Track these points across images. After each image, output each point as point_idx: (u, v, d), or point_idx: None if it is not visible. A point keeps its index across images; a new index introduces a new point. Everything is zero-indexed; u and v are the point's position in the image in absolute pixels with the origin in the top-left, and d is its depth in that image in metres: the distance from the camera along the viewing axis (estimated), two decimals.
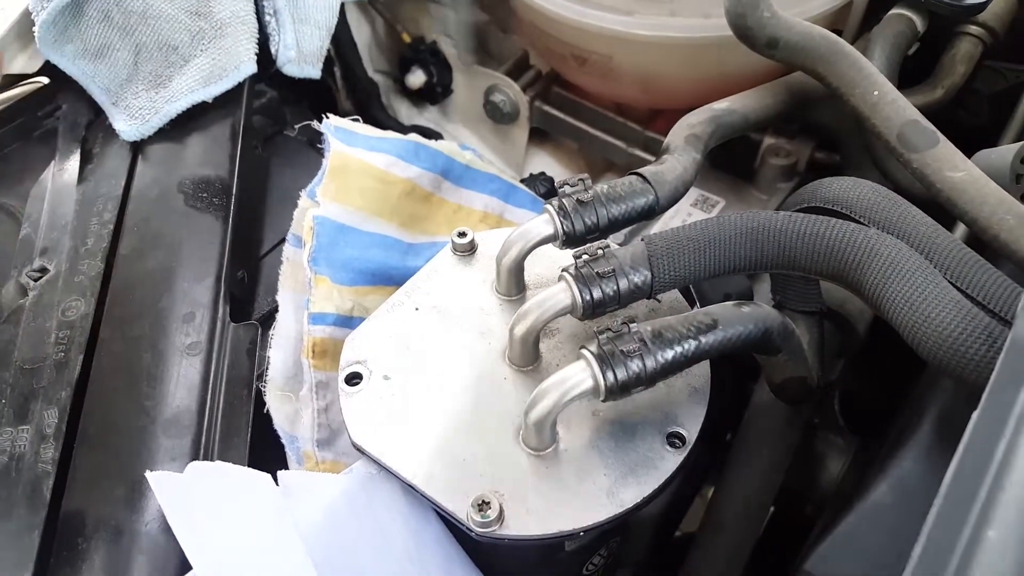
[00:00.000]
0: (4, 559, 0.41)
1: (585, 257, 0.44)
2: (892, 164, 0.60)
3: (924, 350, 0.40)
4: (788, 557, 0.55)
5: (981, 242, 0.46)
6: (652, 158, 0.76)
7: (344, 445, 0.50)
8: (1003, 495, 0.29)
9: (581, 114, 0.82)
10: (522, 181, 0.72)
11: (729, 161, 0.76)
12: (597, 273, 0.43)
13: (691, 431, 0.44)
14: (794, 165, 0.75)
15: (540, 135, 0.89)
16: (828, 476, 0.69)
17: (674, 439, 0.44)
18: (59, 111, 0.67)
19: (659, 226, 0.71)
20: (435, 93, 0.90)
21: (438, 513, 0.45)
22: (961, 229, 0.58)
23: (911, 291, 0.41)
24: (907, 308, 0.41)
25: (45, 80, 0.69)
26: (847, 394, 0.73)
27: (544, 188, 0.74)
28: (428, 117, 0.93)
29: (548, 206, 0.48)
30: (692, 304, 0.54)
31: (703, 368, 0.47)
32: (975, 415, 0.31)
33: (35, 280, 0.52)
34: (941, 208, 0.47)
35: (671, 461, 0.43)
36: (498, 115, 0.86)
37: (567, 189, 0.48)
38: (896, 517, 0.42)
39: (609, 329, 0.41)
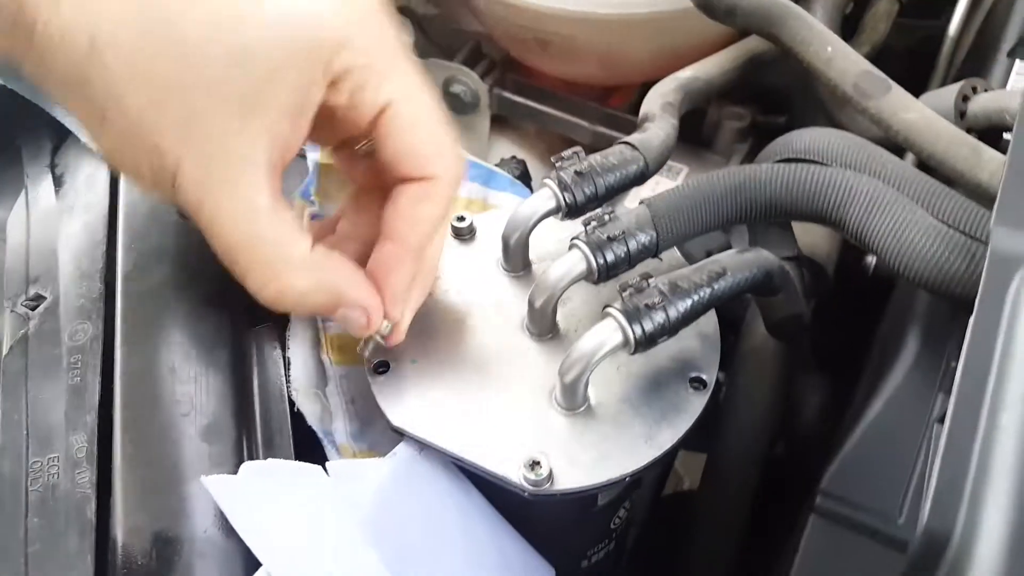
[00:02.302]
0: None
1: (594, 224, 0.47)
2: (846, 115, 0.65)
3: (912, 272, 0.44)
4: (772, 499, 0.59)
5: (938, 174, 0.51)
6: (615, 133, 0.79)
7: (376, 433, 0.50)
8: (1009, 384, 0.33)
9: (540, 97, 0.84)
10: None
11: (685, 130, 0.80)
12: (608, 238, 0.46)
13: (710, 374, 0.47)
14: (747, 127, 0.80)
15: (499, 122, 0.90)
16: (808, 414, 0.73)
17: (696, 383, 0.47)
18: (18, 140, 0.64)
19: (629, 197, 0.75)
20: None
21: (478, 486, 0.47)
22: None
23: (892, 222, 0.45)
24: (891, 238, 0.45)
25: None
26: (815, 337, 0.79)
27: (518, 171, 0.76)
28: None
29: (548, 181, 0.50)
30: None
31: (710, 316, 0.50)
32: (972, 320, 0.35)
33: (32, 309, 0.51)
34: (899, 149, 0.52)
35: (697, 403, 0.46)
36: (459, 106, 0.87)
37: (563, 163, 0.51)
38: (899, 428, 0.46)
39: (630, 286, 0.43)
